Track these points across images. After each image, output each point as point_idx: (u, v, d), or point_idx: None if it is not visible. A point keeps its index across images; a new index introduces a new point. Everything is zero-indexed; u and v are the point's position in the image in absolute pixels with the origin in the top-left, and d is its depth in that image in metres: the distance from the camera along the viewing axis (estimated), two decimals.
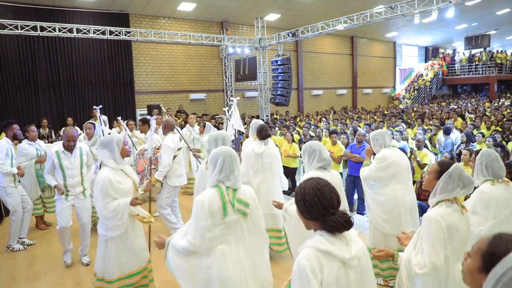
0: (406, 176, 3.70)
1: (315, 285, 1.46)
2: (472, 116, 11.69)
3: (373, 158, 3.77)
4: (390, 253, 2.28)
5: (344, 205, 3.19)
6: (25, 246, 4.98)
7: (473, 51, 23.60)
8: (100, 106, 6.22)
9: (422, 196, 5.62)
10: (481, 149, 2.98)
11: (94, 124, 5.44)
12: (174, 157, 4.79)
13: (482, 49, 22.91)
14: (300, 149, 7.37)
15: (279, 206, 3.13)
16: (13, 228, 4.85)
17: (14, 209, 4.82)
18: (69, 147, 4.21)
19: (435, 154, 7.20)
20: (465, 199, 3.55)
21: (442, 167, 2.19)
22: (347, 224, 1.52)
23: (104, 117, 10.40)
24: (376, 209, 3.68)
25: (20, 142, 5.26)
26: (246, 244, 2.37)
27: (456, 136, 7.97)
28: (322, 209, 1.55)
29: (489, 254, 1.20)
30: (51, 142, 7.78)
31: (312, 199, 1.56)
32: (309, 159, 3.14)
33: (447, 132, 7.70)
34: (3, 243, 5.10)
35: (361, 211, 6.15)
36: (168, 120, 5.09)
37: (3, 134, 6.78)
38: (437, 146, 7.77)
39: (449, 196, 2.12)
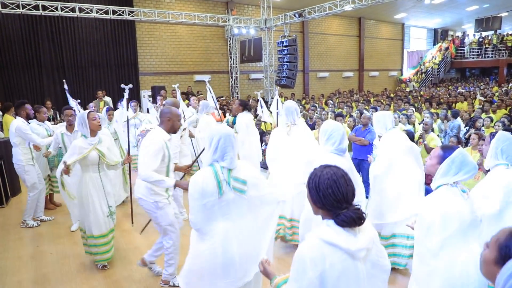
0: (410, 157, 3.70)
1: (310, 275, 1.42)
2: (483, 99, 11.47)
3: (374, 151, 3.71)
4: None
5: (360, 189, 3.14)
6: (39, 223, 5.10)
7: (483, 34, 23.04)
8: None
9: (427, 180, 5.58)
10: (496, 132, 2.89)
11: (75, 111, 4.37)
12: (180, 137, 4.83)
13: (492, 32, 22.37)
14: None
15: None
16: (29, 204, 4.99)
17: (32, 185, 4.94)
18: (175, 130, 3.29)
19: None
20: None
21: (445, 152, 2.12)
22: (359, 220, 1.47)
23: (108, 98, 10.33)
24: (379, 193, 3.66)
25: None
26: (248, 222, 2.35)
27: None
28: (335, 201, 1.49)
29: (506, 247, 1.15)
30: (56, 124, 7.75)
31: (326, 190, 1.50)
32: (327, 142, 3.02)
33: (454, 116, 7.63)
34: (9, 223, 5.17)
35: (366, 194, 6.12)
36: (174, 101, 5.20)
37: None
38: (443, 128, 7.67)
39: (450, 180, 2.07)
